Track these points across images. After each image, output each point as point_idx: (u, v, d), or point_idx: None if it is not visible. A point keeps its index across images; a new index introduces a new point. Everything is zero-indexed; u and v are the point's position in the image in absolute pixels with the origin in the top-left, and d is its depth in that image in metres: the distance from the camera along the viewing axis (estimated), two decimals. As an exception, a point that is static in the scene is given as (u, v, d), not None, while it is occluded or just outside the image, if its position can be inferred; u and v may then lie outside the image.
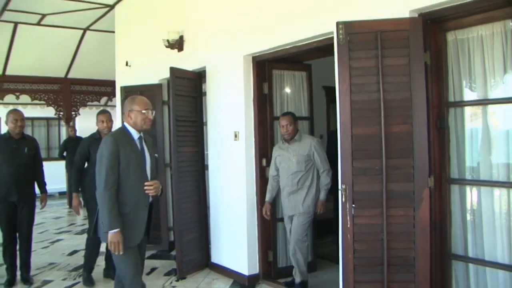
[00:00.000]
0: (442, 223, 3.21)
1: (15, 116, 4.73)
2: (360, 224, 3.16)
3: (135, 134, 3.20)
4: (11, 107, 10.06)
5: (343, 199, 3.18)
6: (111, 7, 7.47)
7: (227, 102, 4.97)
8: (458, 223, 3.19)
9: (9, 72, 9.33)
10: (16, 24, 8.07)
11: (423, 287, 3.05)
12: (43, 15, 7.70)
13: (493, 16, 2.91)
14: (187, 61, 5.51)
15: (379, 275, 3.12)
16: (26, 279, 4.85)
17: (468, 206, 3.17)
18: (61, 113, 10.21)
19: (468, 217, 3.17)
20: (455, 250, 3.20)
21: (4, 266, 4.87)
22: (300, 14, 3.99)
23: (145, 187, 3.12)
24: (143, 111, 3.15)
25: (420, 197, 3.04)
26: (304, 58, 4.94)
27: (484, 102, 3.06)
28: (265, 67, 4.76)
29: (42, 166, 5.04)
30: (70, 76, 10.05)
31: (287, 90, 5.01)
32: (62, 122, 11.23)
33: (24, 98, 9.78)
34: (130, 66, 7.02)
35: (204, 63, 5.29)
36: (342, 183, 3.20)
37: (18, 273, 4.89)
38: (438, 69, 3.18)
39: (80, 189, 4.78)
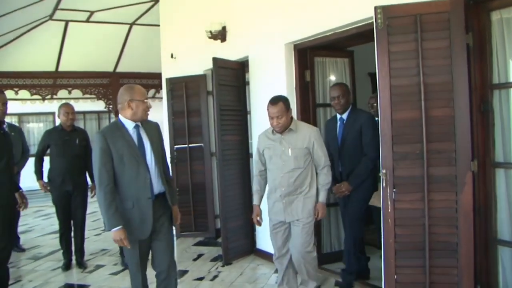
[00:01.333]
0: (487, 208, 3.15)
1: (67, 109, 5.02)
2: (401, 209, 3.16)
3: (130, 125, 3.07)
4: (64, 102, 10.56)
5: (384, 184, 3.18)
6: (156, 1, 7.70)
7: (269, 90, 4.99)
8: (504, 208, 3.12)
9: (61, 68, 9.77)
10: (67, 22, 8.47)
11: (467, 272, 3.02)
12: (92, 12, 8.04)
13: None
14: (230, 51, 5.60)
15: (421, 260, 3.12)
16: (81, 263, 5.15)
17: (515, 190, 3.10)
18: (111, 106, 10.59)
19: (515, 201, 3.09)
20: (501, 236, 3.14)
21: (61, 251, 5.18)
22: (338, 0, 3.98)
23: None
24: (145, 101, 3.08)
25: (463, 181, 3.00)
26: (347, 45, 4.91)
27: (531, 83, 2.97)
28: (307, 55, 4.77)
29: (91, 157, 5.29)
30: (118, 70, 10.40)
31: (330, 77, 5.00)
32: (112, 115, 11.66)
33: (76, 92, 10.22)
34: (175, 58, 7.19)
35: (246, 52, 5.36)
36: (383, 168, 3.20)
37: (74, 257, 5.20)
38: (482, 50, 3.11)
39: None
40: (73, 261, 5.21)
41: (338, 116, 4.20)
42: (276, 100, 3.54)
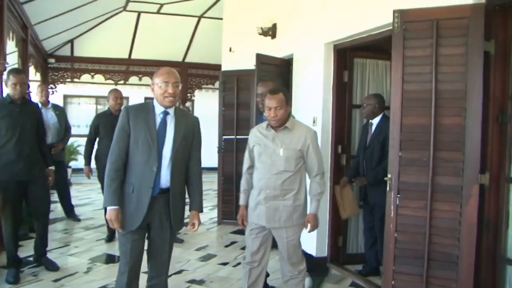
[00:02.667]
0: (497, 224, 3.03)
1: (116, 94, 5.41)
2: (403, 215, 3.13)
3: (159, 109, 2.87)
4: (135, 88, 11.24)
5: (388, 189, 3.16)
6: (221, -5, 7.96)
7: (308, 88, 5.08)
8: (517, 226, 2.99)
9: (134, 56, 10.40)
10: (139, 13, 9.01)
11: (466, 286, 2.93)
12: (161, 5, 8.47)
13: None
14: (278, 48, 5.72)
15: (420, 269, 3.07)
16: None
17: (528, 208, 2.94)
18: (179, 94, 11.12)
19: (527, 220, 2.95)
20: (511, 255, 3.01)
21: (106, 224, 5.61)
22: (371, 3, 3.96)
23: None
24: (160, 84, 2.78)
25: (469, 194, 2.91)
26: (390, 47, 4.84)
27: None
28: (346, 55, 4.77)
29: None
30: (187, 60, 10.84)
31: (369, 78, 4.96)
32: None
33: (146, 79, 10.82)
34: (233, 51, 7.43)
35: (291, 50, 5.45)
36: (388, 173, 3.18)
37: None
38: (505, 59, 2.97)
39: None
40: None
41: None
42: (276, 91, 3.24)
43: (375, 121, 4.38)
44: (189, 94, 11.30)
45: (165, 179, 2.86)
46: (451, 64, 2.96)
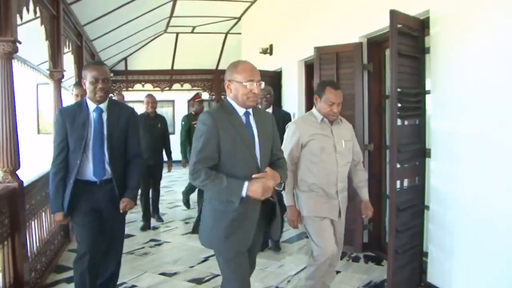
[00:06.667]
0: (381, 174, 4.96)
1: (149, 99, 6.19)
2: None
3: (240, 110, 2.46)
4: (178, 93, 13.57)
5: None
6: (239, 18, 10.10)
7: (289, 92, 7.13)
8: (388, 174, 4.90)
9: (175, 67, 12.83)
10: (177, 34, 11.39)
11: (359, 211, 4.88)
12: (194, 27, 10.73)
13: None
14: (274, 63, 7.79)
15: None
16: (159, 217, 6.69)
17: (395, 163, 4.86)
18: (213, 96, 13.39)
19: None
20: (386, 192, 4.92)
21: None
22: (309, 38, 5.97)
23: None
24: (245, 83, 2.37)
25: (358, 156, 4.86)
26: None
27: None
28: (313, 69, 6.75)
29: (169, 139, 6.55)
30: (219, 68, 13.07)
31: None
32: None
33: (186, 85, 13.20)
34: (248, 63, 9.50)
35: (281, 65, 7.51)
36: (315, 146, 5.17)
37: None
38: (380, 74, 4.90)
39: None
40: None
41: None
42: (338, 86, 3.28)
43: (269, 110, 5.04)
44: (222, 96, 13.53)
45: None
46: (346, 79, 4.92)
